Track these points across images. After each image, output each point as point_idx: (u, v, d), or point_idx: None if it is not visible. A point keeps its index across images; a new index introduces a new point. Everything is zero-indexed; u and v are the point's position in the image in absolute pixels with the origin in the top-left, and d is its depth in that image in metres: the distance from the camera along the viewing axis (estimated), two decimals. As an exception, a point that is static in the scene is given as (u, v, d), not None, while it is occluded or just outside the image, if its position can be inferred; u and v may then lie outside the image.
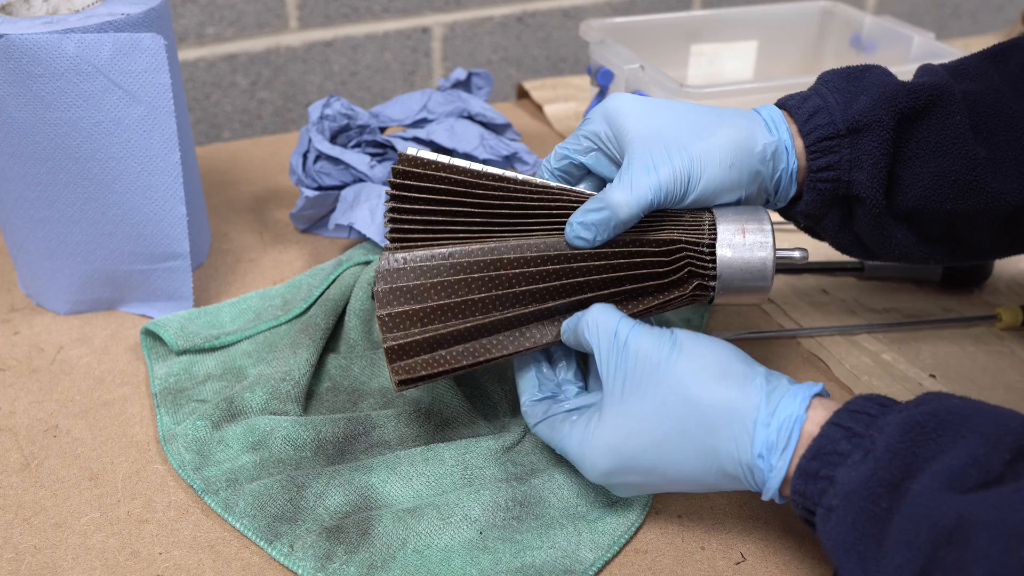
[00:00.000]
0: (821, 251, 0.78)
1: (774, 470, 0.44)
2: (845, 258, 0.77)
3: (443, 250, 0.51)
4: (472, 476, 0.53)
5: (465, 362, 0.50)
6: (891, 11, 1.44)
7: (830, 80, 0.57)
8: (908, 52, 0.90)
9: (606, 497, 0.52)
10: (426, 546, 0.49)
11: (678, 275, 0.51)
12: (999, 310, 0.68)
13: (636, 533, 0.51)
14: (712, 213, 0.53)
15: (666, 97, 0.81)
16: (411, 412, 0.58)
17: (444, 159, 0.54)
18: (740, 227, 0.51)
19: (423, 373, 0.49)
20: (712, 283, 0.51)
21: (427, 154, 0.54)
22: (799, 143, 0.55)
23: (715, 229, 0.51)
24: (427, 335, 0.49)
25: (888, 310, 0.70)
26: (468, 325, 0.50)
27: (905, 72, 0.81)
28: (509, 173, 0.54)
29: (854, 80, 0.57)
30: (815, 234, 0.61)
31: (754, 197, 0.55)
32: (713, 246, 0.51)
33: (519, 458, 0.55)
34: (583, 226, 0.51)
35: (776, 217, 0.73)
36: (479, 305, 0.50)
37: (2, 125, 0.62)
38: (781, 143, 0.55)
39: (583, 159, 0.56)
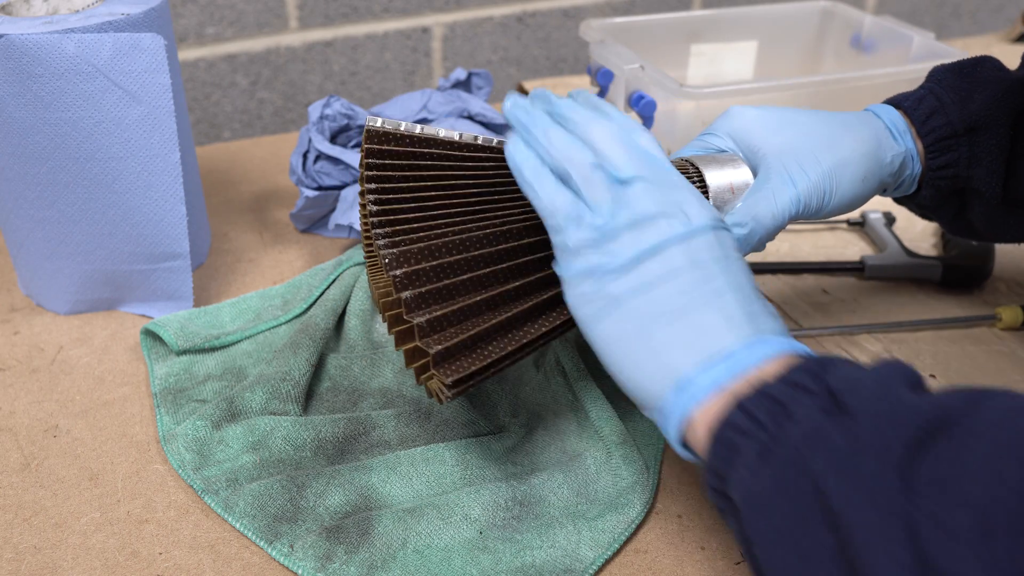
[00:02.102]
0: (821, 251, 0.78)
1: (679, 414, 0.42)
2: (845, 258, 0.77)
3: (455, 238, 0.48)
4: (472, 476, 0.53)
5: (511, 347, 0.47)
6: (891, 11, 1.44)
7: (943, 78, 0.58)
8: (908, 52, 0.90)
9: (606, 496, 0.52)
10: (426, 546, 0.49)
11: None
12: (999, 310, 0.68)
13: (636, 532, 0.51)
14: (699, 169, 0.53)
15: (666, 97, 0.81)
16: (411, 412, 0.58)
17: (416, 128, 0.51)
18: (728, 184, 0.53)
19: (474, 368, 0.46)
20: None
21: (394, 124, 0.51)
22: (918, 144, 0.57)
23: (707, 190, 0.53)
24: (469, 333, 0.46)
25: (888, 310, 0.70)
26: (505, 317, 0.47)
27: (905, 72, 0.82)
28: (485, 138, 0.52)
29: (966, 76, 0.57)
30: (927, 217, 0.62)
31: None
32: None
33: (519, 458, 0.55)
34: None
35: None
36: (512, 295, 0.48)
37: (2, 125, 0.62)
38: (908, 152, 0.56)
39: None
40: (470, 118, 0.83)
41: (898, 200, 0.62)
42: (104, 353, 0.66)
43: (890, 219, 0.80)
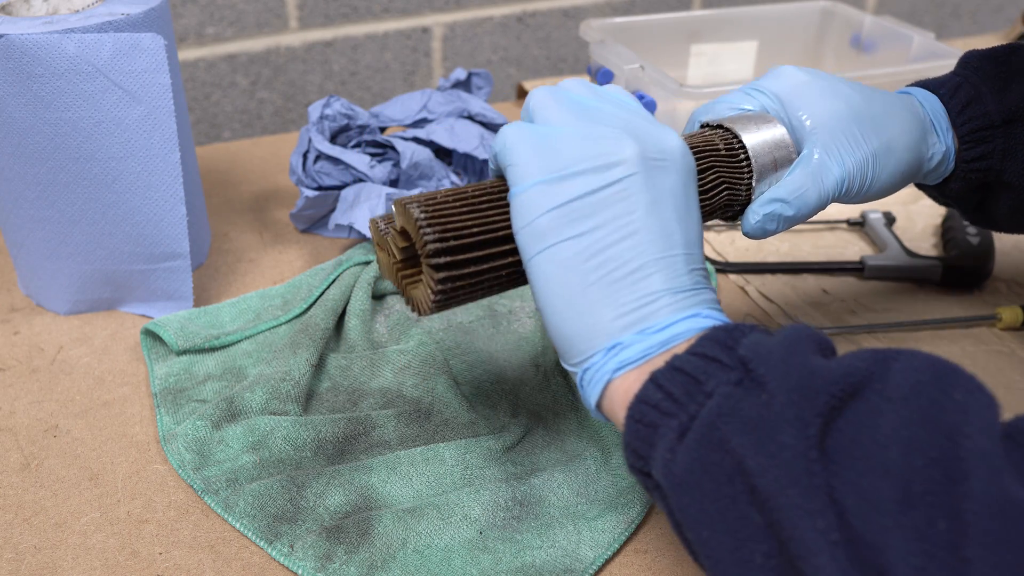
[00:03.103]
0: (821, 251, 0.78)
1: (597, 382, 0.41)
2: (845, 258, 0.77)
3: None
4: (472, 476, 0.53)
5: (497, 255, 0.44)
6: (891, 11, 1.44)
7: (979, 66, 0.56)
8: (908, 52, 0.90)
9: (606, 495, 0.52)
10: (426, 546, 0.49)
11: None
12: (999, 310, 0.68)
13: (636, 532, 0.51)
14: (736, 134, 0.50)
15: (666, 97, 0.81)
16: (411, 412, 0.58)
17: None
18: (770, 150, 0.50)
19: (462, 257, 0.43)
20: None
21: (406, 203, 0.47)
22: (953, 135, 0.56)
23: (749, 157, 0.50)
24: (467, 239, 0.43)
25: (888, 310, 0.70)
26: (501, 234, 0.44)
27: (905, 72, 0.82)
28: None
29: (1003, 64, 0.56)
30: (947, 205, 0.62)
31: None
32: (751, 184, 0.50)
33: (519, 458, 0.55)
34: (769, 218, 0.50)
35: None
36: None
37: (2, 125, 0.62)
38: (948, 150, 0.55)
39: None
40: (470, 118, 0.83)
41: (920, 186, 0.60)
42: (104, 353, 0.66)
43: (890, 219, 0.80)
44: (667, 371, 0.38)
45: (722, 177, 0.49)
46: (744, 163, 0.49)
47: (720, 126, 0.51)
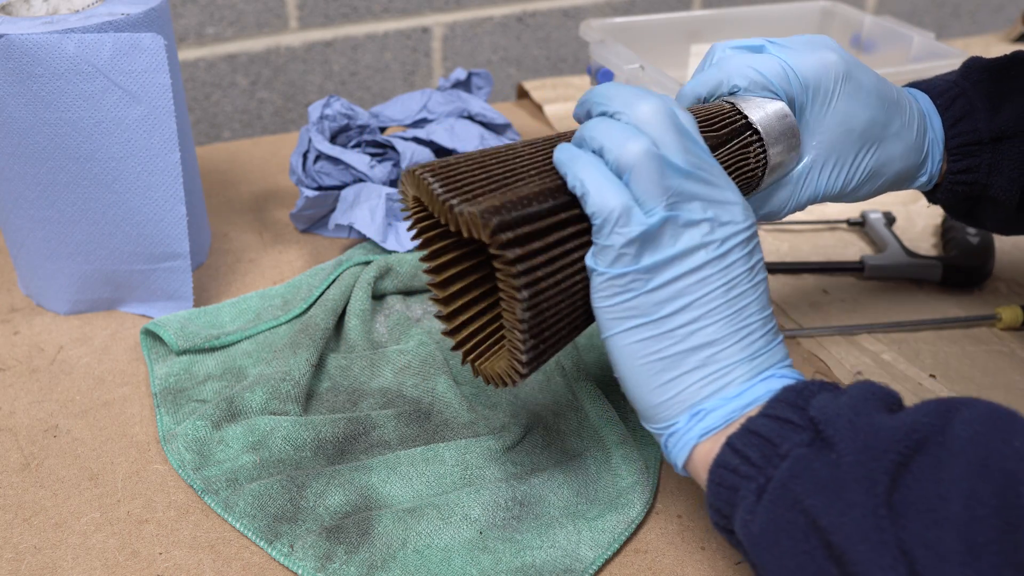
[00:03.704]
0: (821, 251, 0.78)
1: (683, 447, 0.42)
2: (845, 258, 0.77)
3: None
4: (472, 476, 0.53)
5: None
6: (891, 11, 1.44)
7: (979, 79, 0.57)
8: (908, 52, 0.90)
9: (606, 495, 0.52)
10: (426, 546, 0.49)
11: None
12: (999, 310, 0.68)
13: (636, 532, 0.51)
14: (745, 115, 0.51)
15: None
16: (411, 412, 0.58)
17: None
18: (776, 125, 0.51)
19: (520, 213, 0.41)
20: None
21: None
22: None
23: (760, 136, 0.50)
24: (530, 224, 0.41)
25: (888, 310, 0.70)
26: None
27: (905, 72, 0.82)
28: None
29: (1001, 79, 0.57)
30: (934, 203, 0.63)
31: None
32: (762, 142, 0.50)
33: (519, 458, 0.55)
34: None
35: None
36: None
37: (2, 125, 0.62)
38: (937, 173, 0.57)
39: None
40: (470, 118, 0.83)
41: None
42: (104, 353, 0.66)
43: (890, 219, 0.80)
44: (743, 434, 0.40)
45: (749, 158, 0.50)
46: (757, 144, 0.50)
47: (735, 105, 0.51)
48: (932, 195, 0.60)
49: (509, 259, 0.40)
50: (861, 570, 0.34)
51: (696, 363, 0.42)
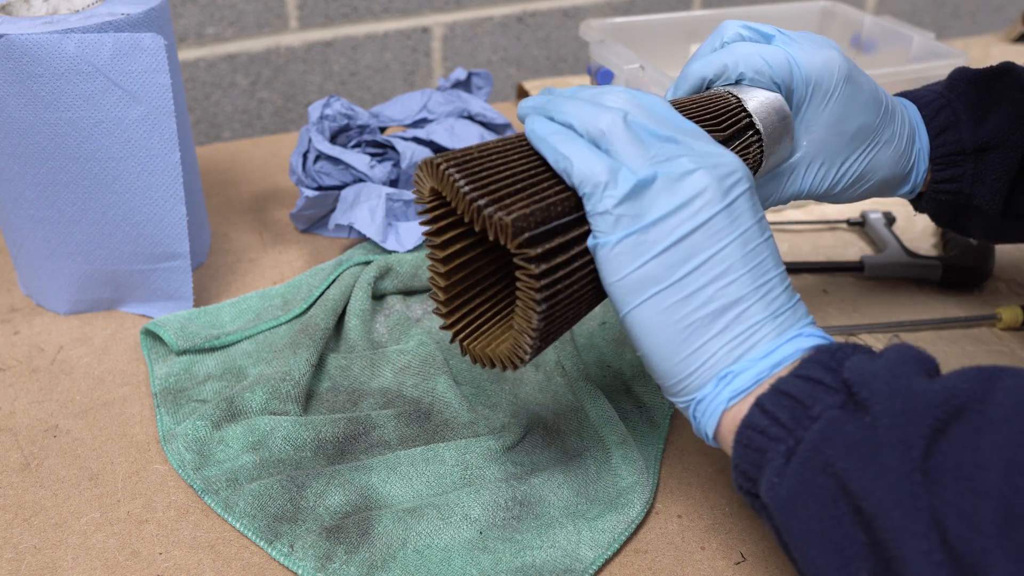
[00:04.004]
0: (821, 251, 0.78)
1: (713, 412, 0.41)
2: (845, 258, 0.77)
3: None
4: (472, 476, 0.53)
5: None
6: (891, 11, 1.44)
7: (964, 91, 0.57)
8: (908, 52, 0.90)
9: (606, 495, 0.52)
10: (426, 546, 0.49)
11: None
12: (999, 310, 0.68)
13: (636, 532, 0.51)
14: (739, 98, 0.51)
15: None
16: (411, 412, 0.58)
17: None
18: (770, 112, 0.51)
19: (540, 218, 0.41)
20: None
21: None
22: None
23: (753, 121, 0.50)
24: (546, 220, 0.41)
25: (888, 310, 0.70)
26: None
27: (905, 72, 0.82)
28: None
29: (985, 91, 0.57)
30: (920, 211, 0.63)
31: None
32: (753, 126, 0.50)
33: (519, 458, 0.55)
34: None
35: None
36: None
37: (2, 125, 0.62)
38: (921, 182, 0.58)
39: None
40: (470, 118, 0.83)
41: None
42: (104, 353, 0.66)
43: (890, 219, 0.80)
44: (772, 395, 0.39)
45: (749, 159, 0.50)
46: (756, 146, 0.50)
47: (730, 93, 0.51)
48: (916, 203, 0.61)
49: (535, 273, 0.40)
50: (892, 536, 0.33)
51: (722, 326, 0.41)
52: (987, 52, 1.25)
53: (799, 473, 0.37)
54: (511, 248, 0.40)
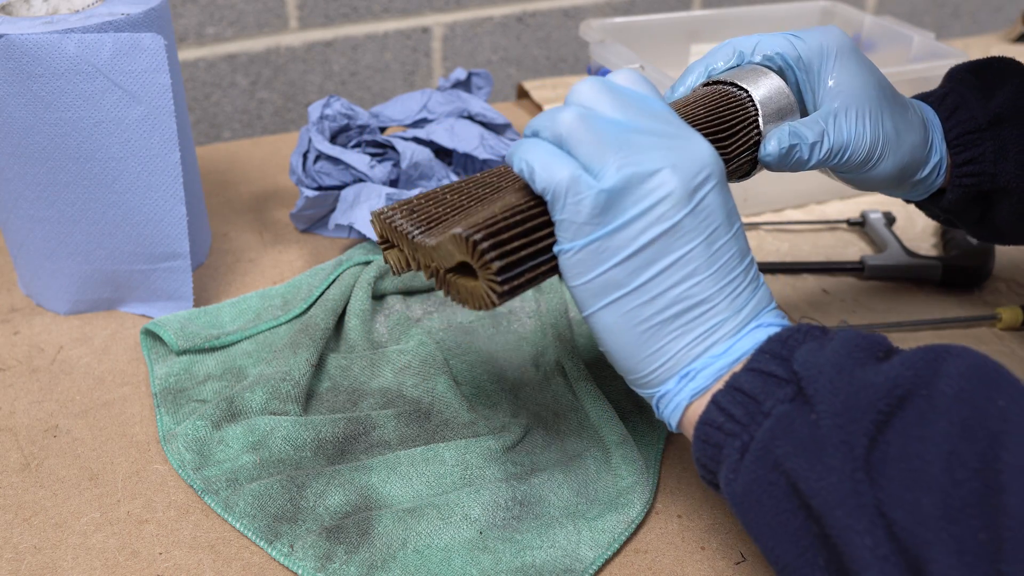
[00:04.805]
0: (821, 251, 0.78)
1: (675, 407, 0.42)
2: (845, 258, 0.77)
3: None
4: (472, 476, 0.53)
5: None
6: (891, 11, 1.44)
7: (963, 77, 0.57)
8: (908, 52, 0.90)
9: (606, 495, 0.52)
10: (426, 546, 0.49)
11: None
12: (999, 310, 0.68)
13: (636, 532, 0.51)
14: (745, 88, 0.51)
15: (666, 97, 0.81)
16: (411, 412, 0.58)
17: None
18: (777, 108, 0.51)
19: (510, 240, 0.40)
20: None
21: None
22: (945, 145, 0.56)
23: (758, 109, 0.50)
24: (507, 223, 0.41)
25: (888, 310, 0.70)
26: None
27: (905, 72, 0.82)
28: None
29: (984, 74, 0.57)
30: (951, 224, 0.61)
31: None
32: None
33: (519, 458, 0.55)
34: (792, 149, 0.49)
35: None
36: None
37: (2, 125, 0.62)
38: (942, 159, 0.56)
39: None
40: (470, 118, 0.83)
41: (921, 205, 0.61)
42: (104, 353, 0.66)
43: (890, 219, 0.80)
44: (727, 391, 0.39)
45: (745, 135, 0.49)
46: (754, 117, 0.50)
47: (724, 82, 0.51)
48: (941, 200, 0.58)
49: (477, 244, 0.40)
50: (838, 533, 0.34)
51: (684, 327, 0.41)
52: (987, 52, 1.25)
53: (752, 470, 0.38)
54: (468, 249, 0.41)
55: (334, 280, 0.69)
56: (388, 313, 0.68)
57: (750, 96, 0.50)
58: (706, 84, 0.52)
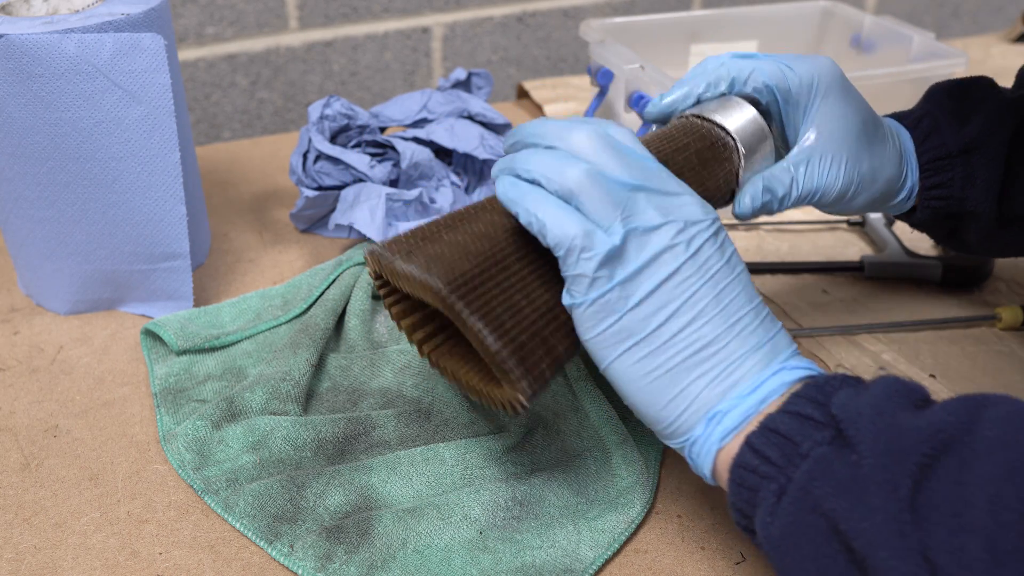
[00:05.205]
0: (821, 251, 0.78)
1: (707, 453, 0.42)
2: (845, 258, 0.77)
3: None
4: (472, 476, 0.53)
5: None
6: (891, 11, 1.44)
7: (940, 100, 0.58)
8: (908, 52, 0.90)
9: (606, 495, 0.52)
10: (426, 546, 0.49)
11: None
12: (999, 310, 0.68)
13: (636, 532, 0.51)
14: (720, 124, 0.52)
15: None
16: (411, 412, 0.58)
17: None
18: (754, 140, 0.52)
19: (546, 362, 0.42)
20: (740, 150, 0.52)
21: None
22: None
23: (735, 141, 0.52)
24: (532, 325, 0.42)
25: (888, 310, 0.70)
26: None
27: (905, 72, 0.82)
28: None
29: (962, 98, 0.58)
30: (922, 231, 0.62)
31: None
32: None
33: (519, 458, 0.55)
34: (762, 207, 0.51)
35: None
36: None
37: (2, 125, 0.62)
38: (914, 185, 0.58)
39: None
40: (470, 118, 0.83)
41: (894, 215, 0.63)
42: (104, 353, 0.66)
43: (890, 219, 0.80)
44: (762, 433, 0.39)
45: (724, 168, 0.50)
46: (735, 152, 0.51)
47: (701, 117, 0.52)
48: (911, 218, 0.61)
49: (443, 293, 0.41)
50: (884, 575, 0.33)
51: (700, 368, 0.42)
52: (987, 52, 1.25)
53: (790, 513, 0.37)
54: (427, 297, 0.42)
55: (334, 280, 0.69)
56: (388, 313, 0.68)
57: (734, 140, 0.51)
58: (689, 116, 0.53)
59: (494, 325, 0.41)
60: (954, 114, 0.57)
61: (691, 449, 0.43)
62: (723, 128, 0.51)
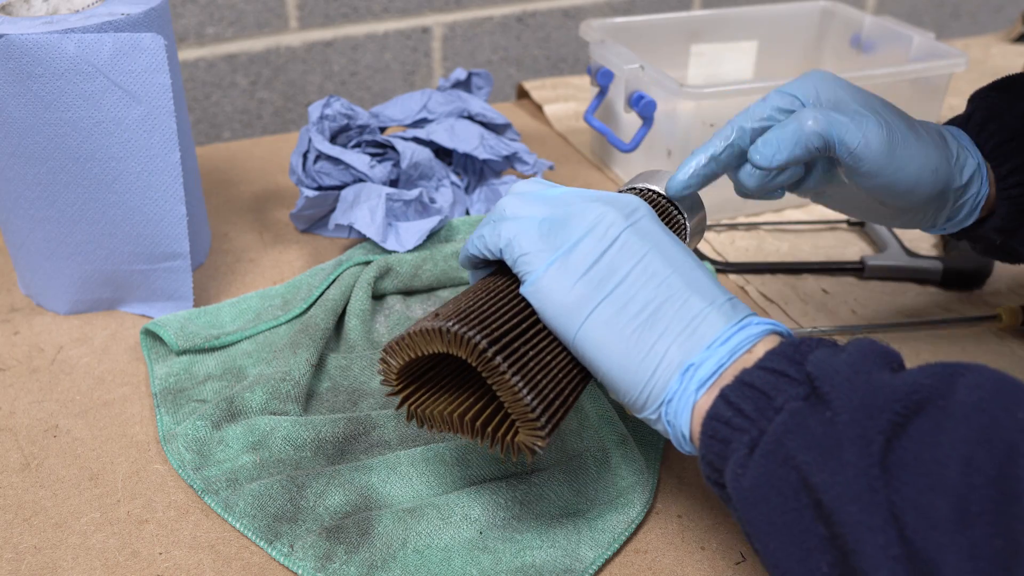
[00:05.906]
0: (821, 251, 0.78)
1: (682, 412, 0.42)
2: (845, 258, 0.77)
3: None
4: (472, 476, 0.53)
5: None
6: (891, 11, 1.44)
7: (987, 95, 0.57)
8: (908, 52, 0.90)
9: (606, 495, 0.52)
10: (426, 546, 0.49)
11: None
12: (999, 310, 0.68)
13: (636, 532, 0.51)
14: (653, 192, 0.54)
15: (666, 97, 0.81)
16: (411, 412, 0.58)
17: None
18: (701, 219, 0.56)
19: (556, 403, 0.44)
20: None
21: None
22: (988, 166, 0.54)
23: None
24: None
25: (888, 310, 0.70)
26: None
27: (905, 72, 0.82)
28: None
29: (1007, 90, 0.56)
30: (1005, 255, 0.58)
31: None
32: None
33: (519, 457, 0.55)
34: (766, 143, 0.50)
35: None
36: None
37: (2, 125, 0.62)
38: (980, 165, 0.54)
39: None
40: (470, 118, 0.83)
41: (968, 236, 0.58)
42: (104, 353, 0.66)
43: (890, 219, 0.80)
44: (737, 386, 0.39)
45: (675, 225, 0.54)
46: (676, 211, 0.54)
47: (637, 188, 0.55)
48: (991, 221, 0.55)
49: (482, 347, 0.42)
50: (849, 531, 0.33)
51: (665, 322, 0.42)
52: (987, 52, 1.25)
53: (761, 465, 0.37)
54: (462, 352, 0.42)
55: (334, 280, 0.69)
56: (388, 313, 0.68)
57: (678, 209, 0.54)
58: (625, 191, 0.55)
59: (527, 379, 0.43)
60: (1005, 102, 0.55)
61: (668, 410, 0.42)
62: (657, 193, 0.54)
